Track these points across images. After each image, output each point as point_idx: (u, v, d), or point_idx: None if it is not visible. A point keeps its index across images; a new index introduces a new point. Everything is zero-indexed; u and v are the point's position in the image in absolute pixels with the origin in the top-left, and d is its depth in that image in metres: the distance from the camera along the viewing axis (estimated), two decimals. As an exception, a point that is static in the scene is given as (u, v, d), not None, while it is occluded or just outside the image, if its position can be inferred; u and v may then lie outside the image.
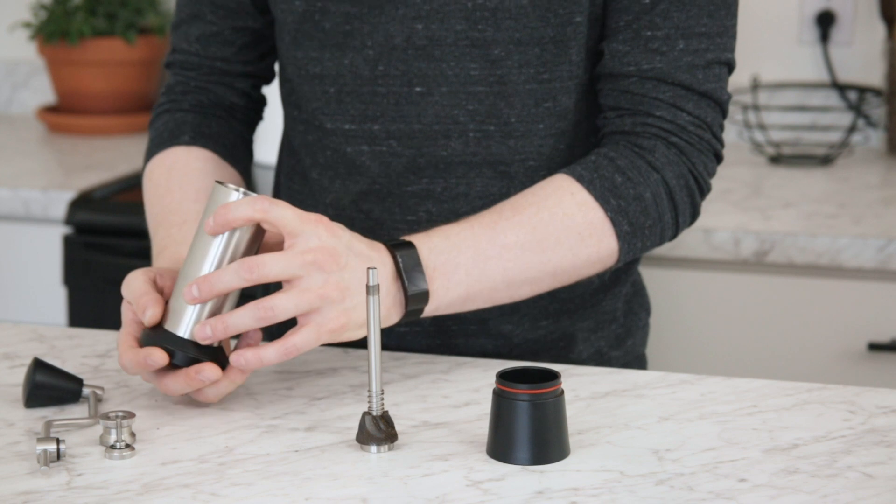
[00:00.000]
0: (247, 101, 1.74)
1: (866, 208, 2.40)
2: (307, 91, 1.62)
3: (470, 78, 1.57)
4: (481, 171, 1.59)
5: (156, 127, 1.71)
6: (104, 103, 3.03)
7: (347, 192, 1.62)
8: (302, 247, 1.38)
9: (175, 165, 1.66)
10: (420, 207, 1.60)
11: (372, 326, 1.32)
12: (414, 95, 1.58)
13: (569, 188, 1.51)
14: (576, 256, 1.50)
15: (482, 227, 1.47)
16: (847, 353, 2.27)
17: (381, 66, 1.57)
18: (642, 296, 1.76)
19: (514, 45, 1.56)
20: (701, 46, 1.55)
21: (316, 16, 1.59)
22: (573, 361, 1.66)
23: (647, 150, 1.54)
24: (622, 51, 1.55)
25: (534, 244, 1.48)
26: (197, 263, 1.40)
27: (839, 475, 1.27)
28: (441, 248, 1.45)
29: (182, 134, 1.68)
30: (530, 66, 1.57)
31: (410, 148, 1.59)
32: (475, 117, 1.58)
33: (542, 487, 1.25)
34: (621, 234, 1.52)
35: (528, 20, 1.55)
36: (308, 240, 1.38)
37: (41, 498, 1.23)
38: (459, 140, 1.58)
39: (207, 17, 1.68)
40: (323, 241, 1.38)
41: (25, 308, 2.61)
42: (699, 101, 1.56)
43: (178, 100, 1.72)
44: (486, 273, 1.47)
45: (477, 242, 1.46)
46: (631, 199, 1.52)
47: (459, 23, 1.55)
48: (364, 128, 1.60)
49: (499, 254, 1.47)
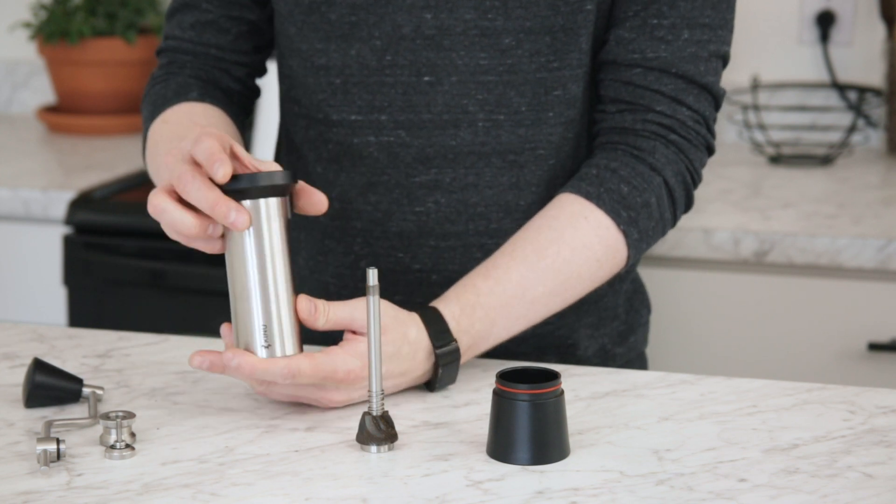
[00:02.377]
0: (242, 87, 1.71)
1: (866, 208, 2.40)
2: (312, 83, 1.62)
3: (479, 67, 1.57)
4: (490, 160, 1.59)
5: (154, 91, 1.66)
6: (104, 103, 3.03)
7: (354, 184, 1.62)
8: (334, 370, 1.38)
9: (194, 109, 1.61)
10: (429, 198, 1.60)
11: (372, 326, 1.32)
12: (423, 85, 1.57)
13: (581, 212, 1.53)
14: (593, 283, 1.54)
15: (513, 286, 1.49)
16: (847, 353, 2.27)
17: (389, 56, 1.57)
18: (642, 293, 1.77)
19: (525, 33, 1.56)
20: (704, 37, 1.56)
21: (322, 7, 1.58)
22: (578, 359, 1.67)
23: (647, 151, 1.56)
24: (628, 38, 1.56)
25: (559, 287, 1.51)
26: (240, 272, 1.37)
27: (839, 475, 1.27)
28: (480, 332, 1.47)
29: (189, 91, 1.64)
30: (540, 55, 1.57)
31: (419, 138, 1.59)
32: (484, 106, 1.58)
33: (542, 487, 1.25)
34: (632, 243, 1.54)
35: (538, 9, 1.55)
36: (341, 366, 1.38)
37: (41, 498, 1.23)
38: (469, 130, 1.58)
39: (202, 6, 1.67)
40: (350, 370, 1.38)
41: (25, 308, 2.61)
42: (699, 94, 1.57)
43: (176, 71, 1.68)
44: (510, 331, 1.51)
45: (510, 310, 1.49)
46: (639, 207, 1.53)
47: (468, 12, 1.55)
48: (371, 118, 1.60)
49: (528, 310, 1.50)
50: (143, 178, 2.64)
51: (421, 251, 1.61)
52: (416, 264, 1.61)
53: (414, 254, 1.61)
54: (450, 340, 1.44)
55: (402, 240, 1.61)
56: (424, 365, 1.44)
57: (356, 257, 1.63)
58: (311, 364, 1.36)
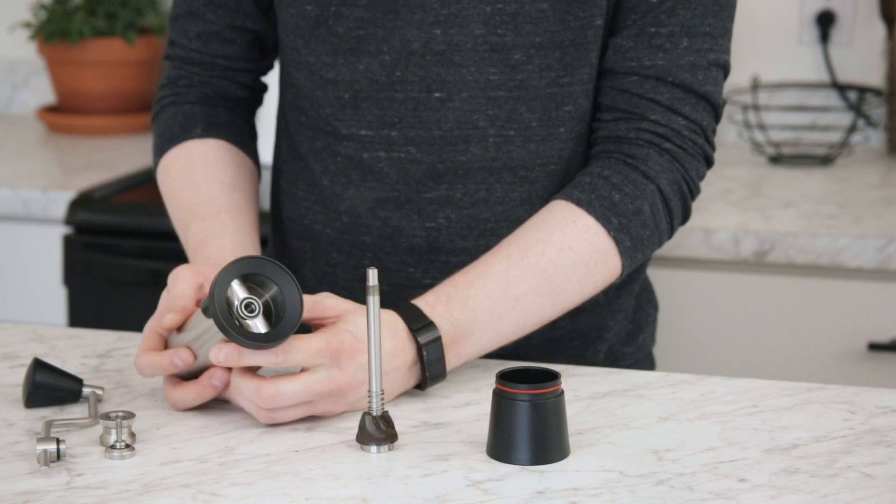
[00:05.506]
0: (249, 92, 1.74)
1: (866, 208, 2.40)
2: (320, 96, 1.61)
3: (490, 83, 1.56)
4: (501, 176, 1.59)
5: (162, 120, 1.71)
6: (104, 103, 3.03)
7: (363, 199, 1.61)
8: (327, 340, 1.38)
9: (194, 158, 1.65)
10: (439, 214, 1.60)
11: (372, 326, 1.32)
12: (433, 101, 1.57)
13: (570, 216, 1.52)
14: (583, 288, 1.52)
15: (494, 280, 1.48)
16: (847, 353, 2.27)
17: (399, 71, 1.57)
18: (649, 291, 1.77)
19: (535, 49, 1.55)
20: (704, 46, 1.55)
21: (329, 20, 1.58)
22: (587, 360, 1.66)
23: (640, 159, 1.55)
24: (626, 46, 1.56)
25: (544, 287, 1.49)
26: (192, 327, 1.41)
27: (839, 475, 1.27)
28: (460, 321, 1.46)
29: (194, 126, 1.67)
30: (551, 70, 1.56)
31: (430, 154, 1.58)
32: (495, 122, 1.57)
33: (542, 487, 1.25)
34: (624, 251, 1.53)
35: (549, 24, 1.54)
36: (333, 338, 1.38)
37: (41, 498, 1.23)
38: (479, 145, 1.58)
39: (206, 16, 1.68)
40: (342, 338, 1.38)
41: (25, 308, 2.61)
42: (697, 103, 1.56)
43: (183, 92, 1.71)
44: (499, 330, 1.48)
45: (492, 302, 1.47)
46: (631, 214, 1.52)
47: (478, 27, 1.55)
48: (382, 134, 1.59)
49: (511, 307, 1.48)
50: (142, 179, 2.64)
51: (432, 266, 1.61)
52: (426, 279, 1.61)
53: (425, 269, 1.61)
54: (426, 322, 1.43)
55: (412, 255, 1.61)
56: (410, 345, 1.42)
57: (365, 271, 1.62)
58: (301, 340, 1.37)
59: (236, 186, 1.65)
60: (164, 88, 1.73)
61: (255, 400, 1.36)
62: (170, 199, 1.66)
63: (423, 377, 1.44)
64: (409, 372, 1.43)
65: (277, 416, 1.37)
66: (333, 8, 1.57)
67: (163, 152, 1.68)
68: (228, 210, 1.60)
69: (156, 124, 1.72)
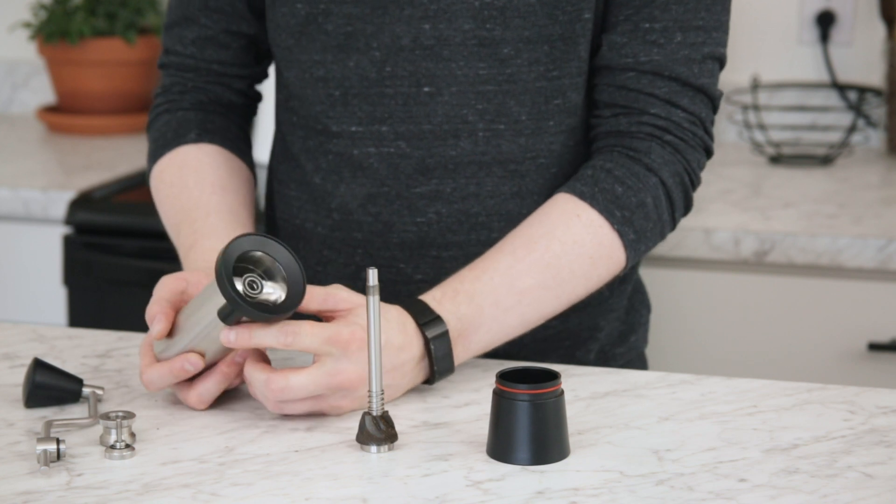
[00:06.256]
0: (244, 98, 1.74)
1: (866, 208, 2.40)
2: (310, 94, 1.62)
3: (479, 77, 1.57)
4: (491, 170, 1.59)
5: (156, 127, 1.71)
6: (104, 103, 3.03)
7: (354, 195, 1.62)
8: (338, 329, 1.39)
9: (186, 163, 1.66)
10: (430, 209, 1.60)
11: (372, 326, 1.32)
12: (422, 96, 1.57)
13: (574, 209, 1.52)
14: (588, 281, 1.53)
15: (500, 275, 1.48)
16: (847, 353, 2.27)
17: (389, 67, 1.57)
18: (642, 293, 1.77)
19: (524, 43, 1.56)
20: (698, 40, 1.56)
21: (319, 18, 1.58)
22: (578, 360, 1.67)
23: (643, 152, 1.56)
24: (620, 42, 1.56)
25: (549, 281, 1.50)
26: (191, 327, 1.41)
27: (839, 475, 1.27)
28: (467, 316, 1.46)
29: (188, 132, 1.67)
30: (539, 64, 1.57)
31: (419, 149, 1.59)
32: (484, 116, 1.58)
33: (542, 487, 1.25)
34: (628, 244, 1.53)
35: (537, 18, 1.55)
36: (344, 328, 1.39)
37: (41, 498, 1.23)
38: (469, 140, 1.58)
39: (201, 21, 1.68)
40: (352, 330, 1.39)
41: (25, 308, 2.61)
42: (694, 96, 1.57)
43: (177, 99, 1.71)
44: (505, 325, 1.49)
45: (497, 297, 1.48)
46: (634, 207, 1.53)
47: (467, 22, 1.55)
48: (372, 129, 1.59)
49: (517, 301, 1.49)
50: (143, 179, 2.64)
51: (423, 261, 1.61)
52: (417, 274, 1.61)
53: (416, 264, 1.61)
54: (434, 317, 1.44)
55: (403, 250, 1.61)
56: (417, 339, 1.43)
57: (357, 268, 1.63)
58: (311, 325, 1.37)
59: (228, 188, 1.65)
60: (158, 97, 1.73)
61: (264, 391, 1.37)
62: (163, 206, 1.67)
63: (432, 371, 1.44)
64: (417, 366, 1.44)
65: (287, 407, 1.38)
66: (323, 5, 1.58)
67: (156, 158, 1.68)
68: (218, 212, 1.60)
69: (150, 132, 1.72)
